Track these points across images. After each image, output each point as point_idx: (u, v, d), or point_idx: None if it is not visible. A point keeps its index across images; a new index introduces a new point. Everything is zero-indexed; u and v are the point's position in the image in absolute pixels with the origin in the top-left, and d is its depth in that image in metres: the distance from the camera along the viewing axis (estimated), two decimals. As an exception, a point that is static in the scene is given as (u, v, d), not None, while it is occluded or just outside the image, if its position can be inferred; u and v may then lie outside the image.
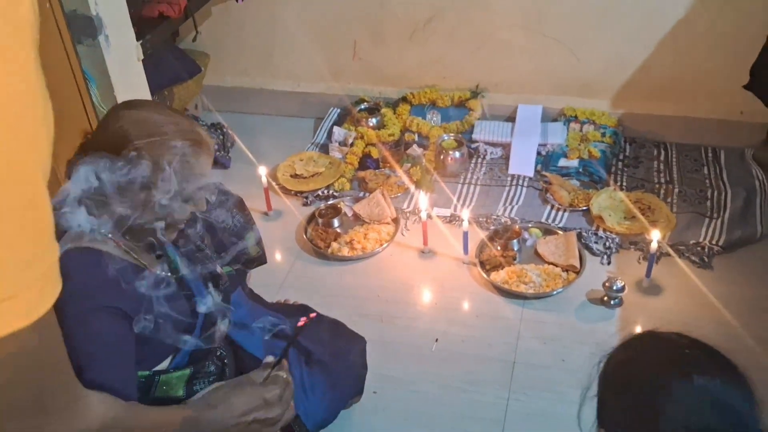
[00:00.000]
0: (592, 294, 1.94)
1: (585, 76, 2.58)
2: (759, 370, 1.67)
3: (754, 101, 2.31)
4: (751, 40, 2.24)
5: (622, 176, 2.39)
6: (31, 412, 0.64)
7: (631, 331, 1.81)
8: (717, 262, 2.01)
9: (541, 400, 1.67)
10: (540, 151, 2.51)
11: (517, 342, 1.83)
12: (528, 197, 2.34)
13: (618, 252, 2.08)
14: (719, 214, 2.16)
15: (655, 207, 2.20)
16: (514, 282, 1.98)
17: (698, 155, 2.46)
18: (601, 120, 2.55)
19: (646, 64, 2.49)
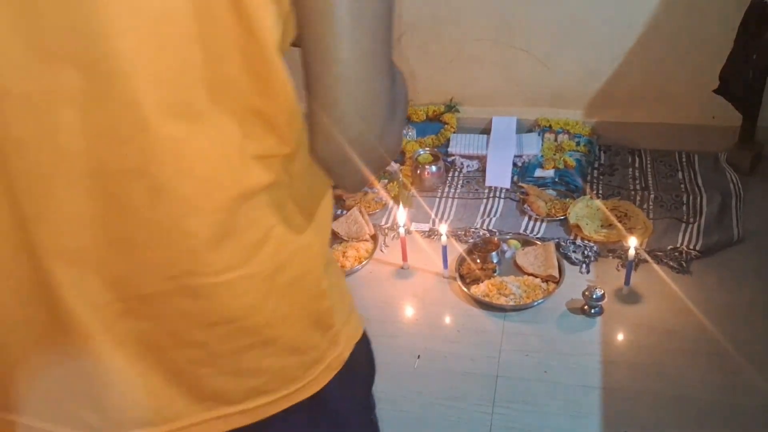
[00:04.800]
0: (572, 304, 1.94)
1: (557, 87, 2.60)
2: (738, 374, 1.70)
3: (726, 105, 2.34)
4: (719, 44, 2.26)
5: (598, 184, 2.40)
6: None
7: (612, 339, 1.82)
8: (695, 266, 2.02)
9: (524, 413, 1.66)
10: (516, 163, 2.52)
11: (500, 355, 1.82)
12: (506, 209, 2.34)
13: (596, 260, 2.08)
14: (696, 219, 2.17)
15: (632, 214, 2.21)
16: (495, 295, 1.98)
17: (673, 161, 2.47)
18: (575, 129, 2.56)
19: (617, 73, 2.51)
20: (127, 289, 0.62)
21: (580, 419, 1.63)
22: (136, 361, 0.64)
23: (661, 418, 1.60)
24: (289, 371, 0.69)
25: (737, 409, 1.60)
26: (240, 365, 0.67)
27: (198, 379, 0.66)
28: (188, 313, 0.63)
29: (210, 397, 0.67)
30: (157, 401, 0.66)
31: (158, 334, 0.64)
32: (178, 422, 0.67)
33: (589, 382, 1.71)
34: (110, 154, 0.56)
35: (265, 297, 0.65)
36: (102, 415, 0.66)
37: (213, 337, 0.64)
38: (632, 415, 1.62)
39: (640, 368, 1.73)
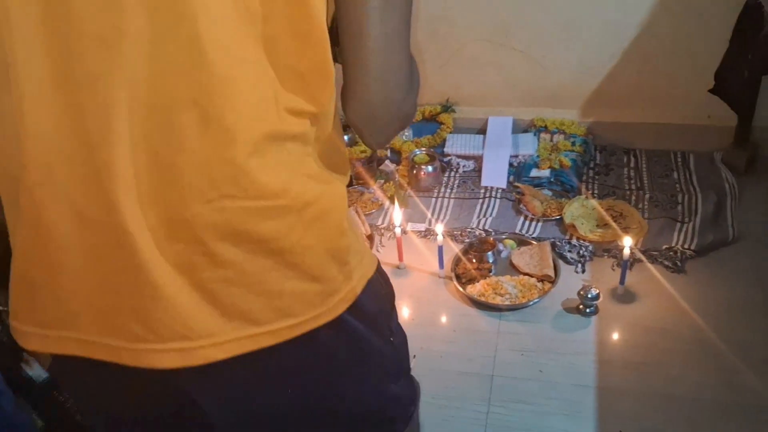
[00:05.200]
0: (567, 303, 1.94)
1: (553, 87, 2.60)
2: (734, 373, 1.70)
3: (721, 105, 2.34)
4: (714, 44, 2.27)
5: (594, 184, 2.41)
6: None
7: (607, 338, 1.82)
8: (690, 266, 2.02)
9: (520, 413, 1.66)
10: (512, 163, 2.52)
11: (495, 355, 1.82)
12: (501, 209, 2.35)
13: (592, 260, 2.09)
14: (691, 219, 2.17)
15: (627, 213, 2.22)
16: (490, 294, 1.98)
17: (668, 160, 2.48)
18: (570, 129, 2.57)
19: (613, 73, 2.51)
20: (170, 212, 0.69)
21: (575, 418, 1.63)
22: (177, 280, 0.71)
23: (655, 418, 1.61)
24: (309, 297, 0.75)
25: (732, 408, 1.60)
26: (266, 286, 0.73)
27: (229, 298, 0.72)
28: (222, 235, 0.70)
29: (239, 317, 0.73)
30: (193, 318, 0.72)
31: (196, 255, 0.70)
32: (210, 339, 0.73)
33: (584, 381, 1.71)
34: (169, 86, 0.65)
35: (293, 227, 0.72)
36: (147, 327, 0.72)
37: (243, 257, 0.71)
38: (627, 414, 1.63)
39: (635, 367, 1.73)
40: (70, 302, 0.74)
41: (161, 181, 0.68)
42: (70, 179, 0.69)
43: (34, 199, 0.70)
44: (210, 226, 0.69)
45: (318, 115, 0.73)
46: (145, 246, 0.69)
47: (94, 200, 0.69)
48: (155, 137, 0.66)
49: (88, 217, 0.70)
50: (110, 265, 0.71)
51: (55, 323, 0.76)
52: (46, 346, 0.77)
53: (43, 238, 0.72)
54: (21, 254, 0.75)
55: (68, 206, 0.70)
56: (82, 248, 0.71)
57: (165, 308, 0.71)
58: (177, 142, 0.66)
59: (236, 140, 0.67)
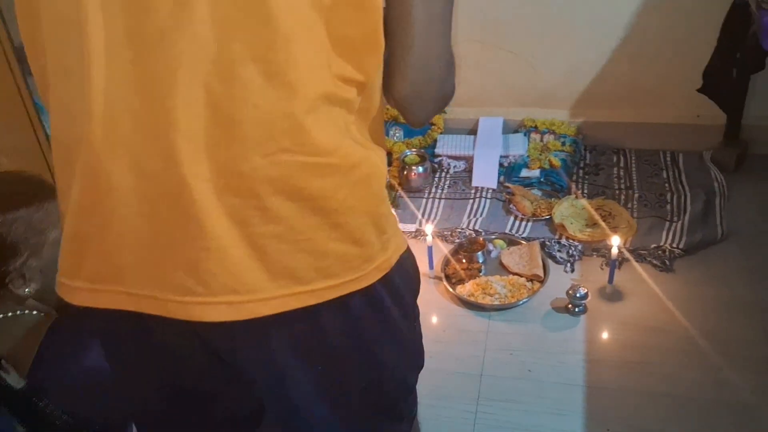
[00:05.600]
0: (556, 302, 1.95)
1: (543, 87, 2.61)
2: (722, 371, 1.71)
3: (710, 104, 2.35)
4: (702, 43, 2.28)
5: (583, 184, 2.41)
6: None
7: (595, 337, 1.83)
8: (679, 264, 2.03)
9: (508, 412, 1.66)
10: (502, 163, 2.53)
11: (484, 354, 1.83)
12: (492, 209, 2.35)
13: (581, 259, 2.09)
14: (679, 217, 2.18)
15: (616, 213, 2.22)
16: (480, 294, 1.98)
17: (657, 160, 2.48)
18: (560, 129, 2.57)
19: (602, 73, 2.52)
20: (228, 166, 0.71)
21: (564, 417, 1.63)
22: (231, 232, 0.73)
23: (643, 416, 1.61)
24: (349, 260, 0.78)
25: (720, 406, 1.61)
26: (312, 245, 0.76)
27: (277, 255, 0.75)
28: (277, 189, 0.73)
29: (285, 275, 0.76)
30: (243, 273, 0.74)
31: (250, 210, 0.73)
32: (257, 294, 0.75)
33: (573, 380, 1.72)
34: (235, 42, 0.68)
35: (340, 185, 0.75)
36: (198, 280, 0.74)
37: (294, 213, 0.74)
38: (615, 412, 1.63)
39: (624, 366, 1.74)
40: (122, 256, 0.76)
41: (221, 134, 0.70)
42: (133, 131, 0.71)
43: (96, 152, 0.72)
44: (266, 179, 0.72)
45: (365, 85, 0.77)
46: (202, 197, 0.71)
47: (154, 152, 0.71)
48: (218, 91, 0.69)
49: (148, 169, 0.72)
50: (166, 217, 0.73)
51: (105, 277, 0.78)
52: (95, 301, 0.79)
53: (100, 191, 0.74)
54: (75, 211, 0.77)
55: (129, 158, 0.72)
56: (138, 200, 0.74)
57: (217, 260, 0.73)
58: (239, 95, 0.69)
59: (297, 95, 0.70)
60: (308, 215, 0.75)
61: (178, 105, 0.69)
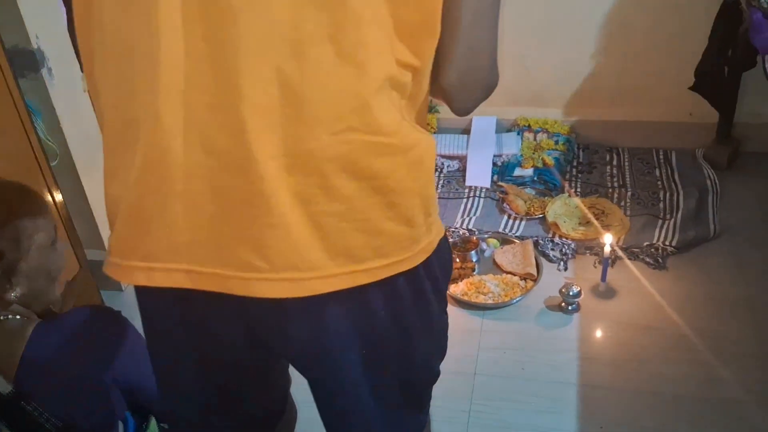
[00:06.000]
0: (550, 301, 1.95)
1: (536, 86, 2.61)
2: (715, 368, 1.71)
3: (703, 102, 2.36)
4: (694, 42, 2.28)
5: (577, 182, 2.42)
6: None
7: (588, 335, 1.83)
8: (671, 262, 2.04)
9: (501, 410, 1.67)
10: (496, 162, 2.53)
11: (478, 353, 1.83)
12: (485, 208, 2.36)
13: (574, 258, 2.10)
14: (672, 215, 2.19)
15: (609, 211, 2.23)
16: (473, 293, 1.99)
17: (650, 158, 2.49)
18: (554, 128, 2.58)
19: (595, 72, 2.53)
20: (296, 144, 0.72)
21: (557, 415, 1.64)
22: (295, 210, 0.74)
23: (637, 414, 1.62)
24: (401, 239, 0.80)
25: (713, 402, 1.61)
26: (370, 224, 0.77)
27: (338, 233, 0.76)
28: (342, 168, 0.74)
29: (343, 253, 0.77)
30: (305, 250, 0.75)
31: (315, 188, 0.74)
32: (317, 272, 0.76)
33: (566, 378, 1.72)
34: (310, 22, 0.69)
35: (399, 166, 0.77)
36: (261, 256, 0.75)
37: (356, 192, 0.75)
38: (609, 410, 1.63)
39: (617, 364, 1.74)
40: (184, 233, 0.77)
41: (291, 112, 0.72)
42: (202, 108, 0.73)
43: (163, 128, 0.73)
44: (333, 158, 0.73)
45: (419, 71, 0.78)
46: (269, 174, 0.72)
47: (223, 128, 0.72)
48: (290, 70, 0.70)
49: (216, 145, 0.73)
50: (231, 193, 0.74)
51: (164, 255, 0.78)
52: (152, 280, 0.80)
53: (166, 168, 0.74)
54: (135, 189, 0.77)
55: (197, 134, 0.73)
56: (204, 176, 0.74)
57: (282, 237, 0.74)
58: (311, 74, 0.71)
59: (366, 76, 0.72)
60: (368, 194, 0.76)
61: (249, 83, 0.71)
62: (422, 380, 1.01)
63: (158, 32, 0.71)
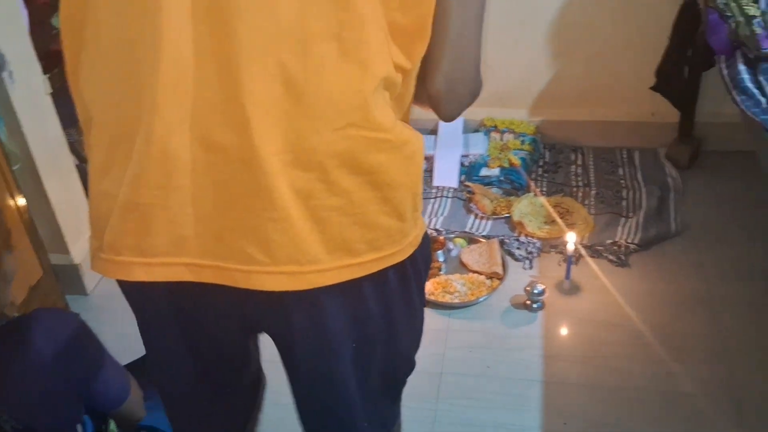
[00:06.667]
0: (515, 299, 1.98)
1: (502, 87, 2.63)
2: (675, 363, 1.74)
3: (665, 102, 2.40)
4: (654, 43, 2.32)
5: (542, 182, 2.45)
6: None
7: (552, 333, 1.86)
8: (634, 259, 2.07)
9: (467, 408, 1.69)
10: (463, 162, 2.55)
11: (444, 353, 1.84)
12: (453, 208, 2.38)
13: (539, 256, 2.12)
14: (635, 213, 2.22)
15: (574, 210, 2.26)
16: (440, 293, 2.00)
17: (614, 157, 2.53)
18: (520, 128, 2.61)
19: (559, 73, 2.56)
20: (299, 139, 0.74)
21: (522, 413, 1.66)
22: (296, 204, 0.76)
23: (599, 410, 1.64)
24: (392, 233, 0.83)
25: (674, 397, 1.65)
26: (366, 218, 0.80)
27: (337, 227, 0.79)
28: (343, 163, 0.76)
29: (340, 248, 0.79)
30: (305, 243, 0.77)
31: (316, 183, 0.76)
32: (316, 265, 0.79)
33: (531, 375, 1.75)
34: (315, 21, 0.72)
35: (394, 161, 0.80)
36: (262, 249, 0.77)
37: (355, 186, 0.78)
38: (572, 406, 1.66)
39: (580, 360, 1.77)
40: (185, 227, 0.78)
41: (294, 108, 0.74)
42: (205, 103, 0.74)
43: (164, 123, 0.74)
44: (334, 153, 0.75)
45: (409, 73, 0.81)
46: (272, 168, 0.74)
47: (227, 124, 0.74)
48: (294, 67, 0.72)
49: (219, 140, 0.75)
50: (233, 187, 0.76)
51: (164, 250, 0.79)
52: (152, 275, 0.80)
53: (166, 163, 0.75)
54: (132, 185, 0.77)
55: (199, 129, 0.75)
56: (206, 171, 0.76)
57: (283, 230, 0.76)
58: (314, 71, 0.73)
59: (367, 73, 0.75)
60: (366, 189, 0.79)
61: (253, 79, 0.72)
62: (403, 371, 1.05)
63: (161, 27, 0.72)
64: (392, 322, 0.93)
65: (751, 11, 1.71)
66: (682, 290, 1.94)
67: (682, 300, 1.91)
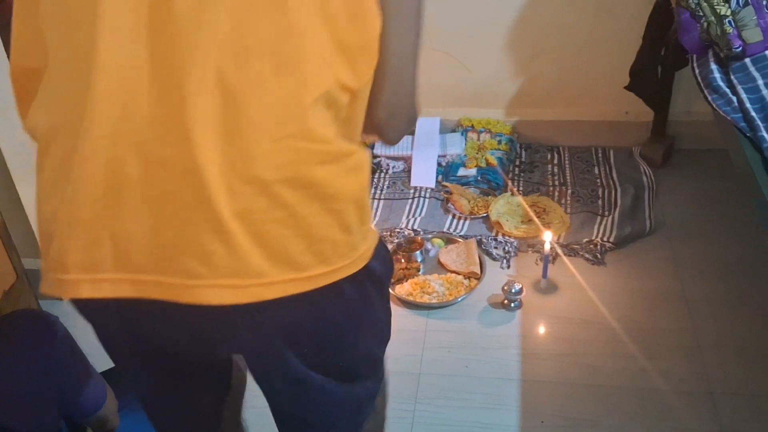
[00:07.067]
0: (493, 299, 1.98)
1: (478, 87, 2.65)
2: (651, 360, 1.76)
3: (638, 101, 2.42)
4: (628, 42, 2.34)
5: (519, 181, 2.46)
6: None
7: (530, 332, 1.86)
8: (609, 258, 2.09)
9: (446, 409, 1.69)
10: (440, 162, 2.56)
11: (423, 353, 1.85)
12: (430, 208, 2.38)
13: (517, 255, 2.13)
14: (610, 212, 2.24)
15: (550, 209, 2.27)
16: (418, 293, 2.01)
17: (589, 156, 2.55)
18: (496, 128, 2.62)
19: (533, 72, 2.57)
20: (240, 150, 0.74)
21: (500, 411, 1.67)
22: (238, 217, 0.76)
23: (577, 407, 1.66)
24: (339, 246, 0.83)
25: (650, 393, 1.67)
26: (311, 231, 0.80)
27: (280, 240, 0.78)
28: (283, 175, 0.76)
29: (285, 260, 0.79)
30: (247, 256, 0.77)
31: (257, 195, 0.76)
32: (260, 279, 0.78)
33: (509, 374, 1.75)
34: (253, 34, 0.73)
35: (338, 173, 0.80)
36: (204, 263, 0.77)
37: (296, 199, 0.78)
38: (549, 404, 1.67)
39: (557, 359, 1.78)
40: (129, 242, 0.77)
41: (233, 119, 0.74)
42: (144, 115, 0.74)
43: (100, 136, 0.74)
44: (274, 165, 0.76)
45: (357, 95, 0.82)
46: (213, 181, 0.74)
47: (168, 137, 0.74)
48: (233, 79, 0.73)
49: (160, 154, 0.74)
50: (174, 201, 0.75)
51: (108, 266, 0.78)
52: (99, 291, 0.79)
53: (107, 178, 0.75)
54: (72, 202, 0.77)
55: (138, 142, 0.74)
56: (147, 185, 0.75)
57: (224, 242, 0.76)
58: (254, 83, 0.74)
59: (305, 86, 0.75)
60: (309, 202, 0.79)
61: (193, 92, 0.72)
62: (366, 367, 1.05)
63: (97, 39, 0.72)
64: (349, 330, 0.94)
65: (722, 11, 1.73)
66: (657, 287, 1.96)
67: (657, 297, 1.93)
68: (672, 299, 1.92)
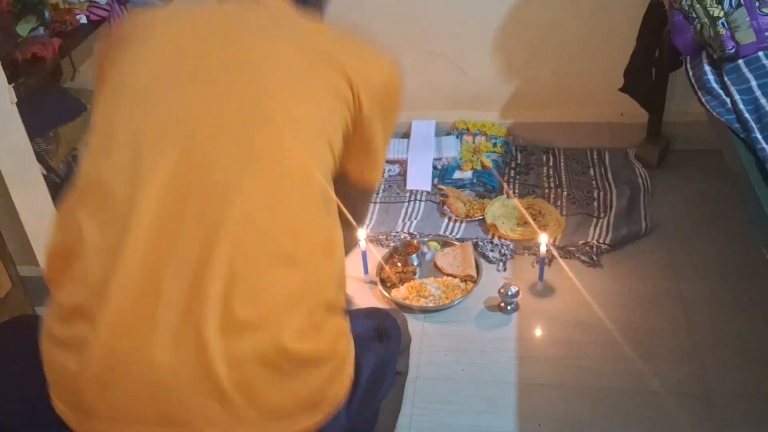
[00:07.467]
0: (489, 302, 1.98)
1: (473, 90, 2.65)
2: (647, 362, 1.76)
3: (632, 103, 2.42)
4: (622, 44, 2.34)
5: (515, 184, 2.46)
6: None
7: (527, 334, 1.86)
8: (606, 259, 2.09)
9: (442, 412, 1.69)
10: (436, 165, 2.56)
11: (420, 357, 1.84)
12: (426, 211, 2.38)
13: (513, 258, 2.13)
14: (606, 214, 2.24)
15: (546, 211, 2.27)
16: (414, 297, 2.00)
17: (584, 158, 2.55)
18: (491, 131, 2.62)
19: (528, 75, 2.58)
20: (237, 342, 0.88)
21: (496, 415, 1.66)
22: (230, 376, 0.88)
23: (573, 410, 1.65)
24: (329, 395, 0.99)
25: (647, 395, 1.66)
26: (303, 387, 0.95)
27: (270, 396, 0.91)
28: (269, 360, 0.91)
29: (275, 416, 0.92)
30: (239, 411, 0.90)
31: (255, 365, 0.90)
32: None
33: (505, 377, 1.75)
34: (261, 240, 0.91)
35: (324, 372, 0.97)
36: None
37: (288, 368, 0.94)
38: (546, 408, 1.67)
39: (554, 361, 1.78)
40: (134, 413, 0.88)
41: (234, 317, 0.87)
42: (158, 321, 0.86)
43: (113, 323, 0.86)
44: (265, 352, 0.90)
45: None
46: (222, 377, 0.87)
47: (177, 346, 0.86)
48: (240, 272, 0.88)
49: (163, 361, 0.86)
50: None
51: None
52: None
53: (112, 369, 0.87)
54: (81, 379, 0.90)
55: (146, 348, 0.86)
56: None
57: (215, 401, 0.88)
58: (255, 273, 0.90)
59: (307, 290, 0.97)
60: (299, 367, 0.92)
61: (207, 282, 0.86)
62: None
63: (126, 240, 0.87)
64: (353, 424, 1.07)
65: (715, 12, 1.73)
66: (653, 289, 1.96)
67: (653, 298, 1.93)
68: (668, 300, 1.92)
